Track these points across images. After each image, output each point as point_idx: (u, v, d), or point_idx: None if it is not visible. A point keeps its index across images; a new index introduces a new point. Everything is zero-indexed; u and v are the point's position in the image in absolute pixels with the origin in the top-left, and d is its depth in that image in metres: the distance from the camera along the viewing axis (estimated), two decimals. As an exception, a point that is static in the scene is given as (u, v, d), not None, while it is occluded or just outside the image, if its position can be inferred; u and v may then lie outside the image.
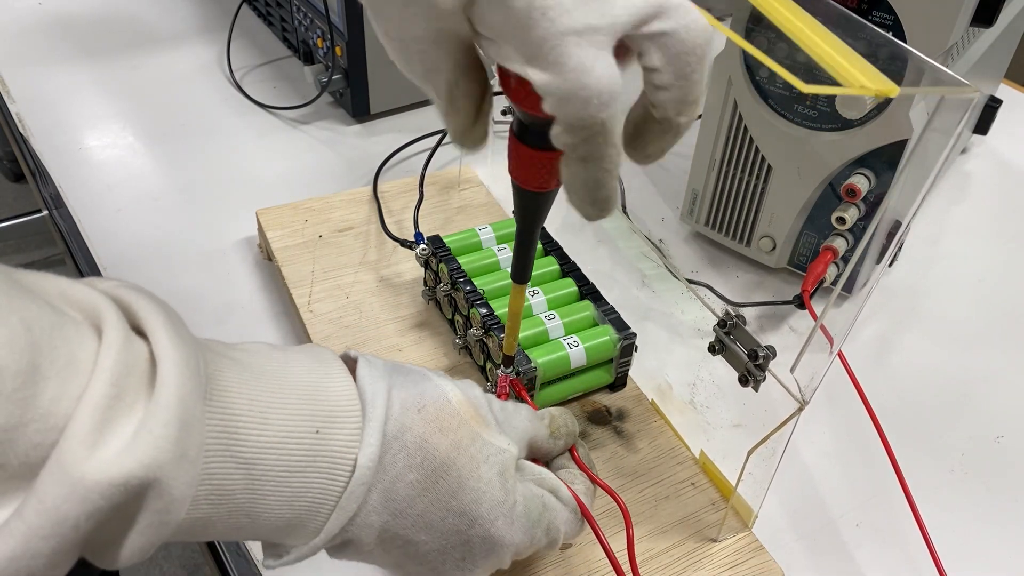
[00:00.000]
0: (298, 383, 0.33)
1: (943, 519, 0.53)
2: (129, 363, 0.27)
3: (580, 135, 0.30)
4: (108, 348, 0.27)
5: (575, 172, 0.32)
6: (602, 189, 0.33)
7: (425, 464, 0.35)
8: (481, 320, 0.55)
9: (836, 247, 0.62)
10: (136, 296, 0.30)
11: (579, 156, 0.31)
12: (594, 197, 0.33)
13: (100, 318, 0.28)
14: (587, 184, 0.32)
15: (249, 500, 0.31)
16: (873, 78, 0.33)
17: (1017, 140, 0.86)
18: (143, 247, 0.68)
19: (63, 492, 0.24)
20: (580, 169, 0.32)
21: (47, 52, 0.89)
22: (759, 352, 0.44)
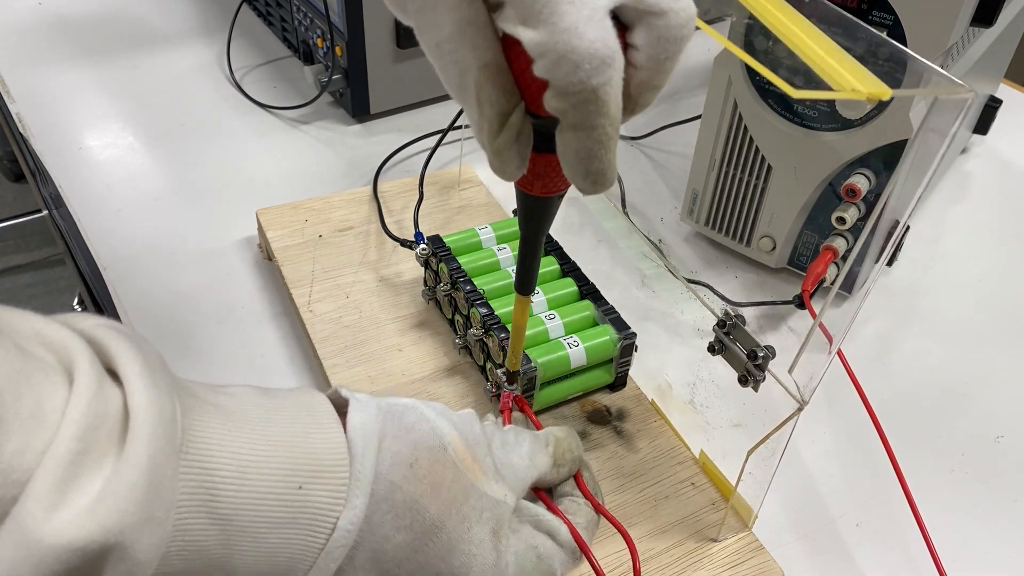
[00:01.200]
0: (283, 434, 0.32)
1: (943, 519, 0.53)
2: (99, 414, 0.26)
3: (570, 100, 0.29)
4: (78, 397, 0.26)
5: (567, 141, 0.31)
6: (595, 161, 0.32)
7: (415, 526, 0.34)
8: (481, 320, 0.55)
9: (836, 247, 0.62)
10: (113, 337, 0.29)
11: (570, 123, 0.31)
12: (587, 169, 0.32)
13: (72, 362, 0.27)
14: (579, 154, 0.31)
15: (225, 556, 0.30)
16: (865, 81, 0.32)
17: (1017, 140, 0.86)
18: (143, 247, 0.68)
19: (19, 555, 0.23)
20: (572, 138, 0.31)
21: (47, 52, 0.89)
22: (758, 352, 0.44)
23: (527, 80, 0.31)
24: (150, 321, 0.62)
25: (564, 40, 0.28)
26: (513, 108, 0.32)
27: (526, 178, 0.36)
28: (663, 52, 0.31)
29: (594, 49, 0.28)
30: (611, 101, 0.30)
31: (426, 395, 0.56)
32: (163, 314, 0.62)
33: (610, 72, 0.29)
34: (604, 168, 0.32)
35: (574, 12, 0.28)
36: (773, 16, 0.35)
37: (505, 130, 0.32)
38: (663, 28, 0.30)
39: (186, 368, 0.59)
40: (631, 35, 0.31)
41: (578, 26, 0.28)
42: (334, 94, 0.84)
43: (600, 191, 0.33)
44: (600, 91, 0.29)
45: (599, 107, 0.30)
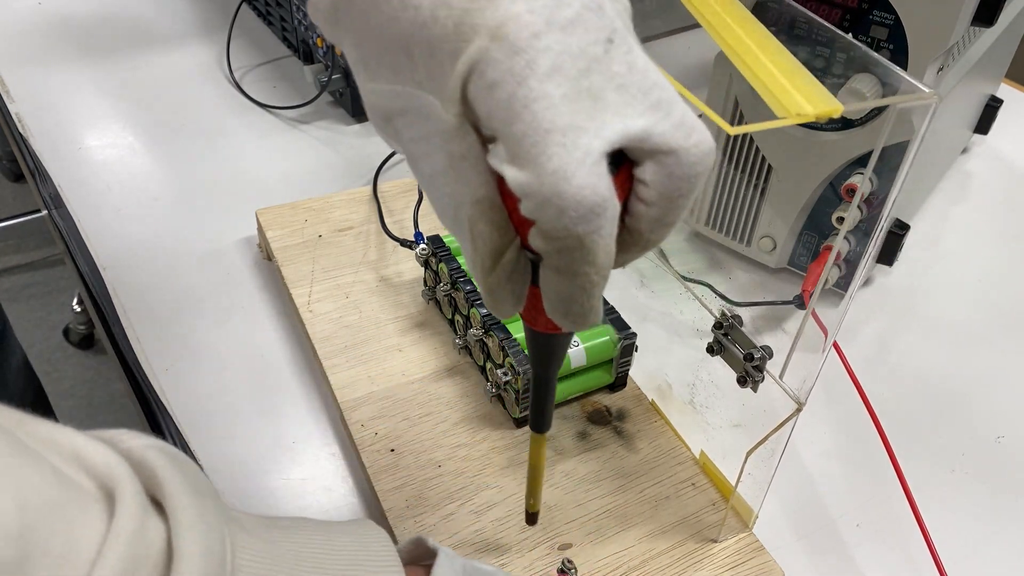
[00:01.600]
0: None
1: (943, 519, 0.53)
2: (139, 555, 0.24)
3: (554, 245, 0.28)
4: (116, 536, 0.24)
5: (548, 281, 0.30)
6: (575, 305, 0.30)
7: None
8: (481, 320, 0.55)
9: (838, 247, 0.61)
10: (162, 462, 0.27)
11: (554, 266, 0.29)
12: (566, 310, 0.30)
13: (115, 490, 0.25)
14: (560, 296, 0.30)
15: None
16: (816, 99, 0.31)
17: (1017, 140, 0.86)
18: (143, 247, 0.68)
19: None
20: (553, 279, 0.29)
21: (47, 52, 0.89)
22: (755, 354, 0.44)
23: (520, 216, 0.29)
24: (150, 321, 0.62)
25: (550, 183, 0.26)
26: (508, 245, 0.30)
27: (530, 313, 0.34)
28: (675, 191, 0.28)
29: (582, 196, 0.26)
30: (599, 250, 0.28)
31: (426, 395, 0.56)
32: (163, 314, 0.62)
33: (599, 221, 0.27)
34: (586, 312, 0.30)
35: (564, 155, 0.26)
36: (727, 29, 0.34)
37: (499, 268, 0.30)
38: (674, 166, 0.28)
39: (186, 368, 0.59)
40: (639, 170, 0.29)
41: (566, 170, 0.26)
42: (334, 94, 0.84)
43: (580, 330, 0.32)
44: (586, 239, 0.27)
45: (583, 255, 0.28)
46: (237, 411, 0.56)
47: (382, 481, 0.51)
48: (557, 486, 0.51)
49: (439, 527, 0.49)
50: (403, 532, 0.48)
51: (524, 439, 0.54)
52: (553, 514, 0.50)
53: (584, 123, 0.26)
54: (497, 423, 0.54)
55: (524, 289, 0.32)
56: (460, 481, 0.51)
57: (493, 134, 0.28)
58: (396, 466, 0.52)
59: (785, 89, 0.31)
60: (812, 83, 0.32)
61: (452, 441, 0.53)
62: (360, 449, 0.52)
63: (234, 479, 0.53)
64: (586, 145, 0.26)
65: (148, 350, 0.60)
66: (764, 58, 0.33)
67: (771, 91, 0.32)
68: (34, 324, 1.75)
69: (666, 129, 0.28)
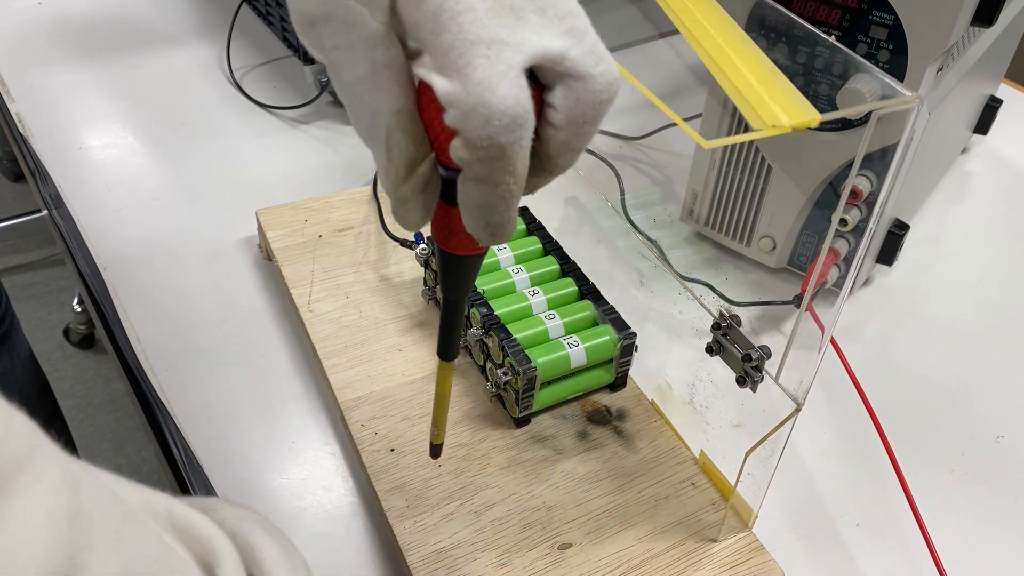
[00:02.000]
0: None
1: (943, 519, 0.53)
2: None
3: (477, 154, 0.29)
4: None
5: (470, 192, 0.31)
6: (495, 214, 0.31)
7: None
8: (481, 320, 0.55)
9: (837, 248, 0.62)
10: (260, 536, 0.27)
11: (475, 175, 0.30)
12: (486, 221, 0.31)
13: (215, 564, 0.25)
14: (480, 207, 0.31)
15: None
16: (794, 108, 0.31)
17: (1017, 140, 0.86)
18: (143, 247, 0.68)
19: None
20: (475, 189, 0.30)
21: (47, 52, 0.89)
22: (752, 355, 0.44)
23: (437, 129, 0.31)
24: (150, 321, 0.62)
25: (476, 93, 0.28)
26: (423, 157, 0.32)
27: (442, 233, 0.35)
28: (581, 116, 0.30)
29: (505, 106, 0.28)
30: (518, 160, 0.29)
31: (426, 395, 0.56)
32: (163, 314, 0.62)
33: (520, 132, 0.29)
34: (504, 222, 0.32)
35: (488, 66, 0.28)
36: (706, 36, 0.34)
37: (412, 178, 0.32)
38: (581, 91, 0.30)
39: (186, 368, 0.59)
40: (550, 95, 0.30)
41: (491, 80, 0.28)
42: (334, 94, 0.84)
43: (499, 243, 0.33)
44: (508, 149, 0.29)
45: (505, 164, 0.29)
46: (237, 411, 0.56)
47: (382, 481, 0.51)
48: (557, 486, 0.51)
49: (439, 527, 0.49)
50: (403, 532, 0.48)
51: (524, 439, 0.54)
52: (553, 514, 0.50)
53: (507, 38, 0.28)
54: (497, 423, 0.54)
55: (433, 202, 0.33)
56: (460, 481, 0.51)
57: (419, 45, 0.29)
58: (396, 466, 0.52)
59: (762, 99, 0.32)
60: (790, 92, 0.32)
61: (452, 441, 0.53)
62: (360, 449, 0.52)
63: (234, 479, 0.53)
64: (508, 59, 0.28)
65: (148, 350, 0.60)
66: (743, 66, 0.33)
67: (748, 102, 0.32)
68: (34, 324, 1.75)
69: (578, 55, 0.29)
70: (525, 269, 0.59)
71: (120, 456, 1.53)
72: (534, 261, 0.60)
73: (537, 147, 0.31)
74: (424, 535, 0.48)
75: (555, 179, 0.33)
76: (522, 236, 0.63)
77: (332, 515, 0.51)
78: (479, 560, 0.47)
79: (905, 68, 0.56)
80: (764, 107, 0.31)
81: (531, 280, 0.59)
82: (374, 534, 0.50)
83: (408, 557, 0.47)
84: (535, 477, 0.52)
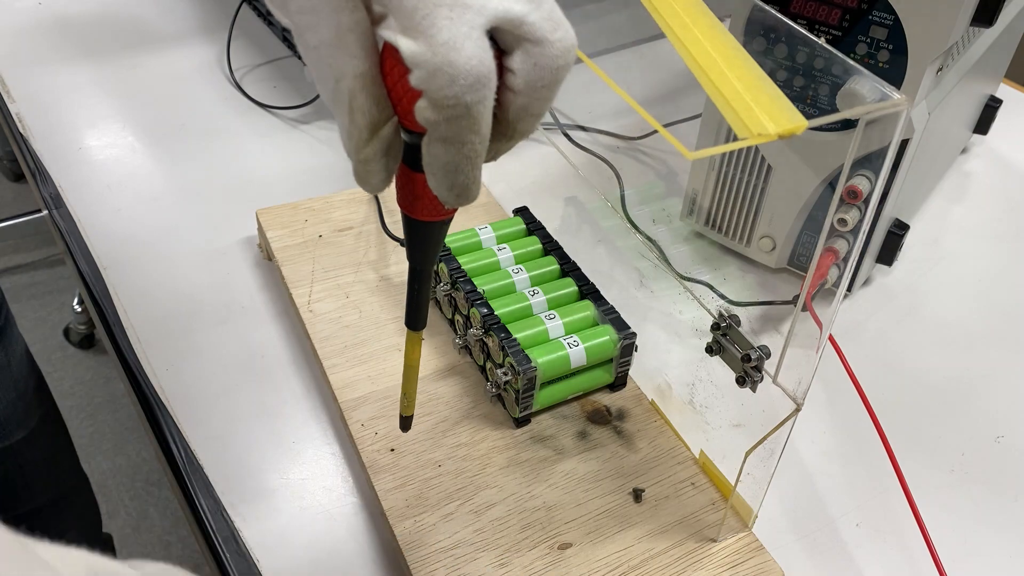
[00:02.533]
0: None
1: (943, 519, 0.53)
2: None
3: (443, 114, 0.30)
4: None
5: (435, 153, 0.31)
6: (461, 175, 0.32)
7: None
8: (481, 320, 0.55)
9: (837, 248, 0.62)
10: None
11: (440, 136, 0.31)
12: (452, 182, 0.32)
13: None
14: (446, 168, 0.32)
15: None
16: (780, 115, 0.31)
17: (1017, 140, 0.86)
18: (143, 247, 0.68)
19: None
20: (440, 150, 0.31)
21: (47, 52, 0.89)
22: (751, 355, 0.44)
23: (400, 92, 0.31)
24: (150, 321, 0.62)
25: (442, 53, 0.28)
26: (385, 120, 0.32)
27: (407, 200, 0.35)
28: (539, 80, 0.31)
29: (470, 66, 0.29)
30: (482, 119, 0.30)
31: (426, 395, 0.56)
32: (163, 314, 0.62)
33: (484, 91, 0.30)
34: (469, 182, 0.32)
35: (452, 27, 0.28)
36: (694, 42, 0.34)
37: (375, 141, 0.32)
38: (539, 56, 0.30)
39: (186, 367, 0.59)
40: (508, 59, 0.31)
41: (456, 41, 0.28)
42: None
43: (464, 204, 0.34)
44: (473, 108, 0.30)
45: (470, 123, 0.30)
46: (237, 411, 0.56)
47: (382, 481, 0.51)
48: (557, 486, 0.51)
49: (439, 527, 0.49)
50: (403, 531, 0.48)
51: (524, 439, 0.54)
52: (553, 514, 0.50)
53: (469, 0, 0.29)
54: (497, 423, 0.54)
55: (395, 165, 0.34)
56: (460, 481, 0.51)
57: (384, 8, 0.30)
58: (396, 466, 0.52)
59: (748, 106, 0.32)
60: (777, 98, 0.32)
61: (452, 441, 0.53)
62: (360, 449, 0.52)
63: (234, 479, 0.53)
64: (471, 20, 0.29)
65: (148, 350, 0.60)
66: (730, 72, 0.33)
67: (734, 109, 0.32)
68: (34, 324, 1.75)
69: (536, 19, 0.30)
70: (525, 269, 0.59)
71: (120, 456, 1.53)
72: (534, 261, 0.60)
73: (497, 112, 0.32)
74: (424, 535, 0.48)
75: (515, 144, 0.34)
76: (522, 236, 0.63)
77: (332, 515, 0.51)
78: (479, 560, 0.47)
79: (905, 68, 0.56)
80: (750, 115, 0.32)
81: (531, 280, 0.59)
82: (374, 534, 0.50)
83: (408, 557, 0.47)
84: (535, 477, 0.52)
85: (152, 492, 1.48)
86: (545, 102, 0.32)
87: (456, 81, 0.29)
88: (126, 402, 1.60)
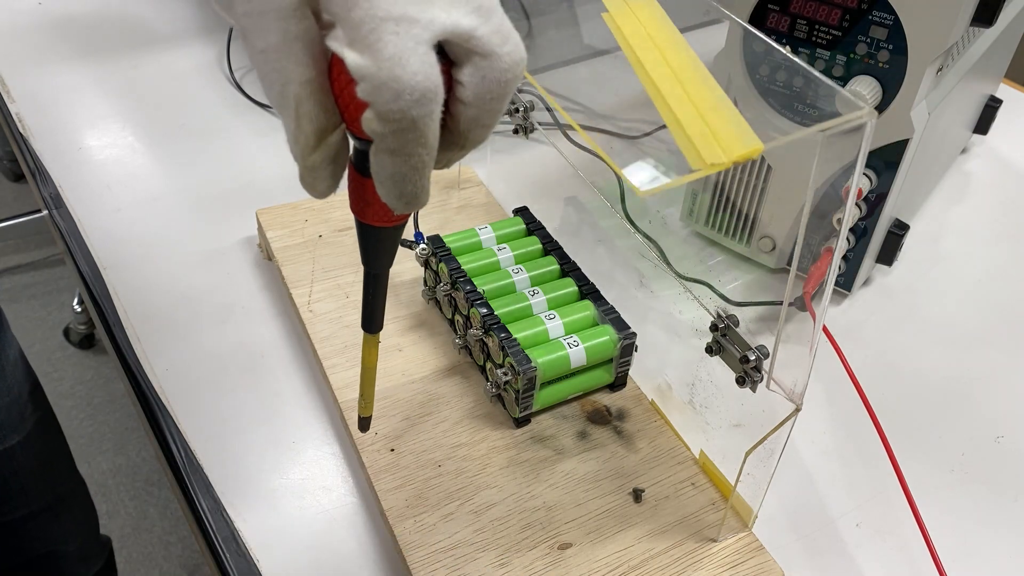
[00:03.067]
0: None
1: (943, 519, 0.53)
2: None
3: (389, 127, 0.30)
4: None
5: (383, 163, 0.32)
6: (408, 184, 0.32)
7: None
8: (481, 320, 0.55)
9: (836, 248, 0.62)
10: None
11: (387, 148, 0.31)
12: (400, 191, 0.32)
13: None
14: (393, 178, 0.32)
15: None
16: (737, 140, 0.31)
17: (1017, 140, 0.86)
18: (143, 247, 0.68)
19: None
20: (387, 161, 0.31)
21: (47, 52, 0.89)
22: (750, 356, 0.44)
23: (347, 99, 0.31)
24: (150, 321, 0.62)
25: (387, 68, 0.29)
26: (333, 127, 0.32)
27: (358, 205, 0.35)
28: (488, 92, 0.31)
29: (415, 82, 0.29)
30: (429, 132, 0.30)
31: (426, 395, 0.56)
32: (163, 314, 0.62)
33: (431, 106, 0.30)
34: (418, 191, 0.33)
35: (398, 42, 0.29)
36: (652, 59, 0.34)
37: (322, 148, 0.33)
38: (488, 69, 0.31)
39: (186, 368, 0.59)
40: (458, 72, 0.31)
41: (401, 56, 0.29)
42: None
43: (412, 211, 0.34)
44: (419, 122, 0.30)
45: (417, 137, 0.30)
46: (237, 411, 0.56)
47: (382, 481, 0.51)
48: (557, 486, 0.51)
49: (439, 527, 0.49)
50: (403, 532, 0.48)
51: (524, 439, 0.54)
52: (553, 514, 0.50)
53: (416, 14, 0.29)
54: (497, 423, 0.54)
55: (342, 171, 0.34)
56: (460, 481, 0.51)
57: (332, 19, 0.30)
58: (396, 466, 0.52)
59: (703, 133, 0.32)
60: (734, 122, 0.32)
61: (452, 441, 0.53)
62: (360, 449, 0.52)
63: (234, 479, 0.53)
64: (417, 35, 0.29)
65: (148, 350, 0.60)
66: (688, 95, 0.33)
67: (688, 138, 0.32)
68: (34, 324, 1.75)
69: (485, 33, 0.30)
70: (525, 269, 0.59)
71: (120, 456, 1.53)
72: (534, 261, 0.60)
73: (448, 122, 0.32)
74: (424, 535, 0.48)
75: (468, 152, 0.34)
76: (522, 236, 0.63)
77: (332, 515, 0.51)
78: (479, 560, 0.47)
79: (905, 68, 0.56)
80: (704, 143, 0.32)
81: (531, 280, 0.59)
82: (374, 534, 0.50)
83: (408, 557, 0.47)
84: (535, 477, 0.52)
85: (152, 492, 1.48)
86: (495, 113, 0.32)
87: (402, 96, 0.29)
88: (126, 402, 1.60)
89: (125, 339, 0.61)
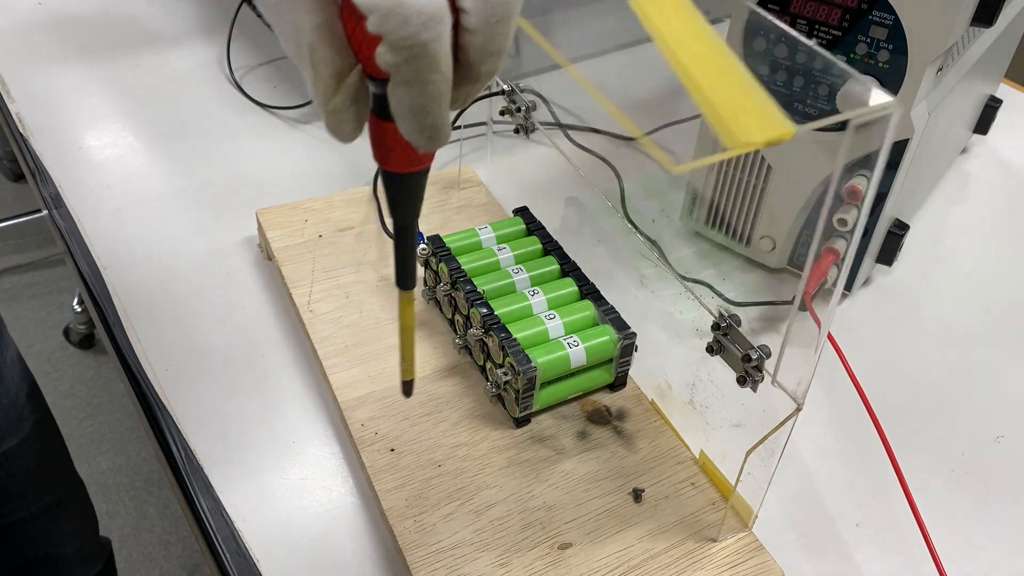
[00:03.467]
0: None
1: (943, 519, 0.53)
2: None
3: (401, 55, 0.30)
4: None
5: (400, 97, 0.32)
6: (429, 116, 0.32)
7: None
8: (481, 320, 0.55)
9: (837, 248, 0.61)
10: None
11: (403, 79, 0.31)
12: (421, 125, 0.33)
13: None
14: (413, 110, 0.32)
15: None
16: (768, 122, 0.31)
17: (1017, 140, 0.86)
18: (143, 247, 0.68)
19: None
20: (405, 94, 0.32)
21: (47, 52, 0.89)
22: (752, 355, 0.44)
23: (360, 39, 0.32)
24: (150, 321, 0.62)
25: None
26: (349, 69, 0.33)
27: (380, 152, 0.35)
28: (492, 15, 0.31)
29: (421, 5, 0.29)
30: (441, 56, 0.31)
31: (426, 395, 0.56)
32: (163, 314, 0.62)
33: (439, 28, 0.30)
34: (438, 123, 0.33)
35: None
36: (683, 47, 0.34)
37: (342, 90, 0.33)
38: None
39: (186, 368, 0.59)
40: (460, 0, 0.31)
41: None
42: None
43: (436, 147, 0.34)
44: (429, 47, 0.30)
45: (430, 62, 0.31)
46: (237, 411, 0.56)
47: (382, 481, 0.51)
48: (557, 486, 0.51)
49: (439, 527, 0.49)
50: (403, 531, 0.48)
51: (524, 439, 0.54)
52: (553, 514, 0.50)
53: None
54: (497, 423, 0.54)
55: (365, 113, 0.34)
56: (460, 481, 0.51)
57: None
58: (396, 466, 0.52)
59: (734, 114, 0.32)
60: (766, 104, 0.32)
61: (452, 441, 0.53)
62: (360, 449, 0.52)
63: (234, 479, 0.53)
64: None
65: (148, 350, 0.60)
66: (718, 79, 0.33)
67: (720, 117, 0.32)
68: (34, 324, 1.75)
69: None
70: (525, 269, 0.59)
71: (120, 456, 1.53)
72: (534, 261, 0.60)
73: (459, 55, 0.32)
74: (424, 535, 0.48)
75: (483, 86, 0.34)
76: (522, 236, 0.63)
77: (332, 515, 0.51)
78: (479, 560, 0.47)
79: (905, 68, 0.56)
80: (737, 122, 0.32)
81: (531, 280, 0.59)
82: (374, 534, 0.50)
83: (408, 557, 0.47)
84: (535, 477, 0.52)
85: (152, 492, 1.48)
86: (503, 37, 0.32)
87: (409, 21, 0.29)
88: (126, 402, 1.60)
89: (125, 339, 0.61)
